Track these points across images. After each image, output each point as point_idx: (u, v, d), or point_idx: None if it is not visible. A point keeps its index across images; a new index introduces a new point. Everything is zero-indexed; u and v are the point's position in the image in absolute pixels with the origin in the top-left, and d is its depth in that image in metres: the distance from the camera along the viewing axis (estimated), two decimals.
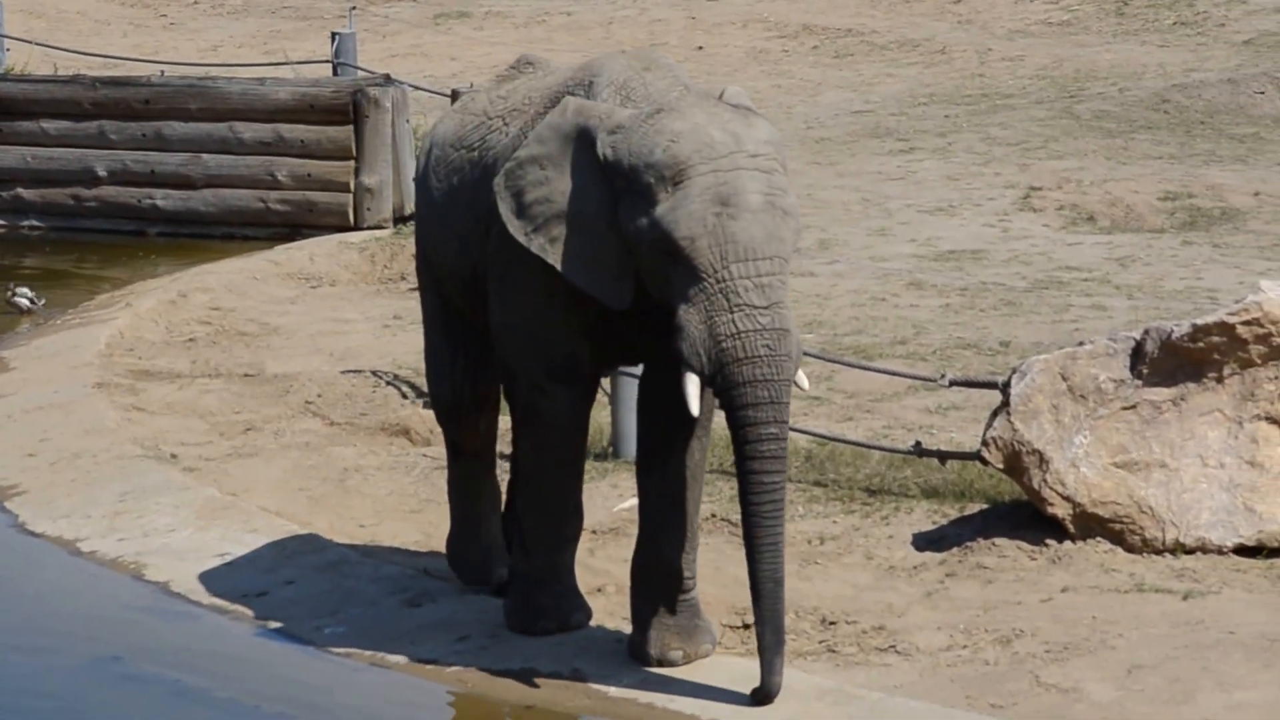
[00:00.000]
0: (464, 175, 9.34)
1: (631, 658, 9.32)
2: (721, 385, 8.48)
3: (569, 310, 8.90)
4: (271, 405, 13.05)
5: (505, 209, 8.81)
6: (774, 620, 8.58)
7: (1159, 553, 10.02)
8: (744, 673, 9.06)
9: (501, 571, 9.93)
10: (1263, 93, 20.76)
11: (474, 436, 9.97)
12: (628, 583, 9.76)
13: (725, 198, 8.40)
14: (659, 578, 9.19)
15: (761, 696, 8.68)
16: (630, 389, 11.67)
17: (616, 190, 8.63)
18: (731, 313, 8.39)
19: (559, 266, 8.72)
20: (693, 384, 8.53)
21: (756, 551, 8.55)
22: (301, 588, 10.48)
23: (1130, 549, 10.07)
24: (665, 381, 8.88)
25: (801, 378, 8.60)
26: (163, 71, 19.37)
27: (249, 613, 10.33)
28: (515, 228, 8.79)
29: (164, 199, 18.33)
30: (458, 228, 9.37)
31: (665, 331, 8.64)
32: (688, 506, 9.15)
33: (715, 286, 8.40)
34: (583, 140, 8.74)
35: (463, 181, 9.35)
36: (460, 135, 9.44)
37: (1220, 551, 10.04)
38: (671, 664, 9.19)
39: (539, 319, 8.97)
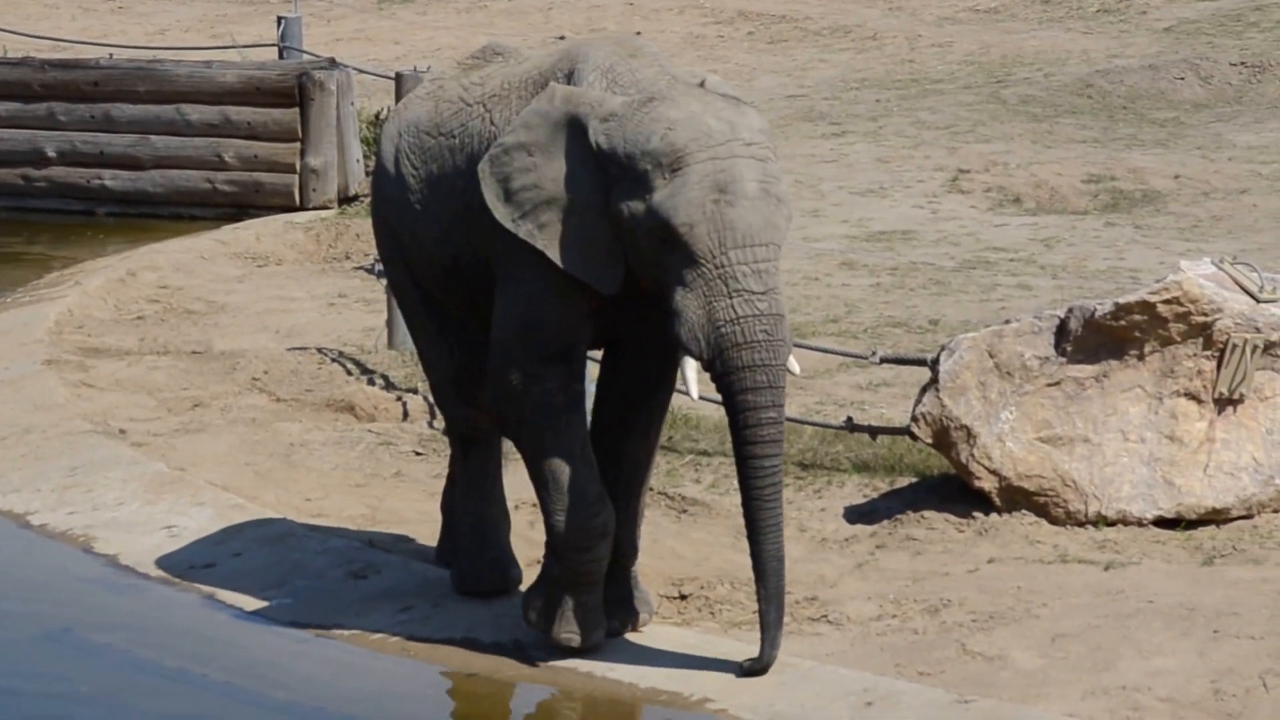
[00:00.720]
0: (444, 162, 9.17)
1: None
2: (720, 370, 8.43)
3: (568, 295, 8.74)
4: (219, 382, 13.02)
5: (490, 194, 8.71)
6: (778, 597, 8.58)
7: (1082, 525, 10.07)
8: (680, 641, 9.10)
9: (516, 573, 9.71)
10: (1183, 79, 20.84)
11: (485, 424, 9.58)
12: None
13: (723, 185, 8.36)
14: None
15: (759, 668, 8.67)
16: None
17: (610, 177, 8.55)
18: (730, 298, 8.36)
19: (547, 252, 8.62)
20: (691, 368, 8.50)
21: (759, 532, 8.52)
22: (248, 560, 10.46)
23: (1054, 521, 10.12)
24: (635, 364, 8.92)
25: (792, 362, 8.58)
26: (111, 54, 19.27)
27: (197, 584, 10.31)
28: (501, 213, 8.69)
29: (113, 179, 18.26)
30: (440, 215, 9.18)
31: (646, 315, 8.65)
32: (642, 486, 9.17)
33: (714, 272, 8.36)
34: (574, 127, 8.64)
35: (443, 169, 9.17)
36: (436, 122, 9.26)
37: (1140, 524, 10.09)
38: (612, 633, 9.20)
39: (538, 304, 8.78)
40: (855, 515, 10.41)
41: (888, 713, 8.55)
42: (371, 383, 12.84)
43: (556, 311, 8.76)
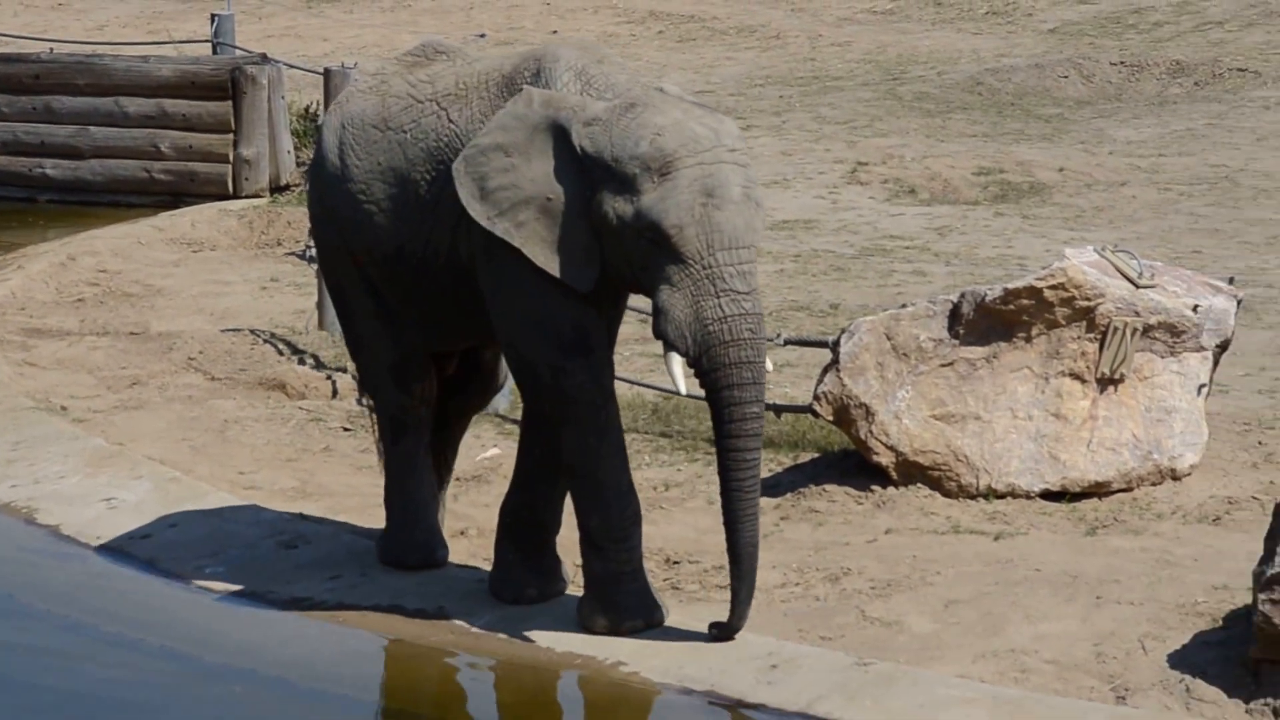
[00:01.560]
0: (394, 155, 8.99)
1: (492, 595, 9.32)
2: (706, 366, 8.35)
3: (568, 286, 8.60)
4: (156, 361, 12.97)
5: (466, 193, 8.57)
6: (750, 577, 8.53)
7: (973, 497, 10.11)
8: None
9: (443, 553, 9.61)
10: (1066, 77, 20.96)
11: (420, 404, 9.50)
12: (489, 527, 9.77)
13: (710, 189, 8.30)
14: (527, 525, 9.17)
15: (726, 632, 8.65)
16: None
17: (593, 179, 8.43)
18: (718, 297, 8.29)
19: (524, 249, 8.49)
20: (677, 363, 8.42)
21: (738, 520, 8.48)
22: (184, 531, 10.42)
23: (947, 494, 10.16)
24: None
25: (768, 360, 8.54)
26: (52, 49, 19.16)
27: (135, 554, 10.27)
28: (477, 211, 8.55)
29: (54, 168, 18.17)
30: (387, 206, 9.01)
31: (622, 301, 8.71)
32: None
33: (701, 272, 8.29)
34: (554, 130, 8.52)
35: (393, 162, 8.99)
36: (384, 116, 9.08)
37: (1028, 496, 10.14)
38: (529, 601, 9.19)
39: (543, 297, 8.60)
40: (761, 488, 10.42)
41: (791, 675, 8.57)
42: (302, 362, 12.80)
43: (558, 299, 8.59)
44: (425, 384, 9.46)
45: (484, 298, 8.80)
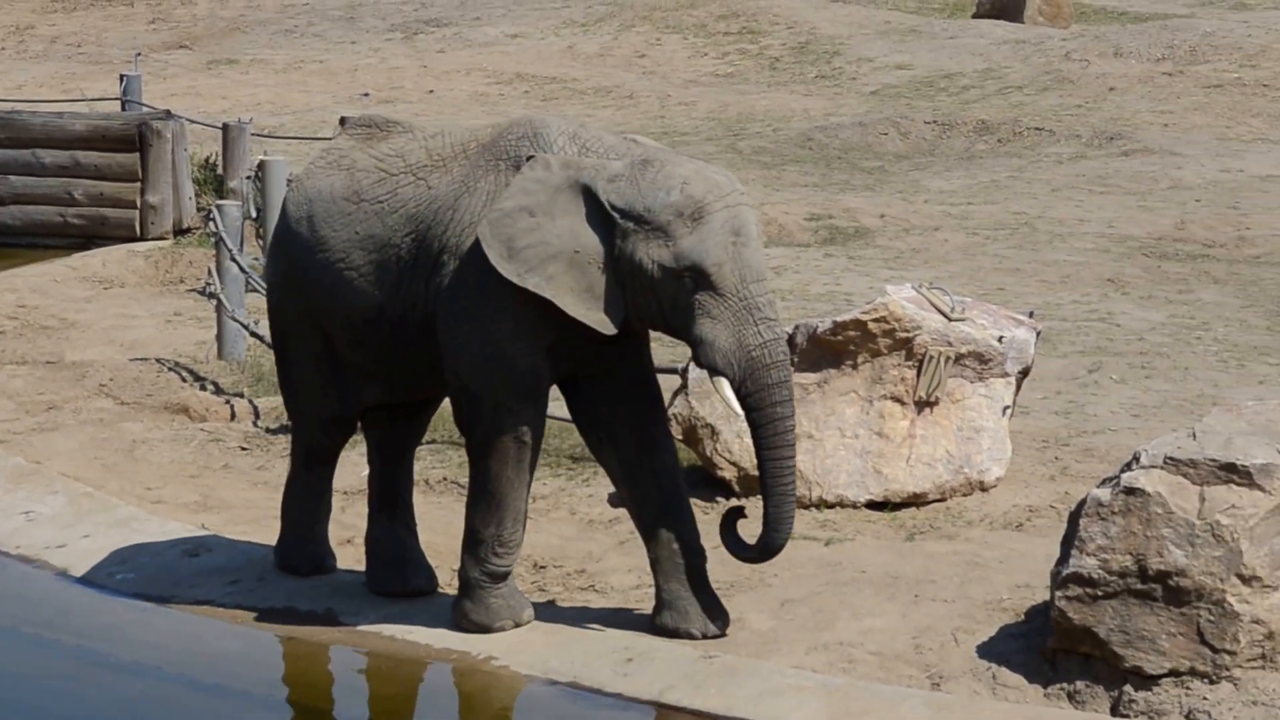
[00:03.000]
0: (371, 225, 8.77)
1: (373, 593, 9.30)
2: (751, 388, 8.32)
3: (535, 335, 8.49)
4: (70, 388, 12.83)
5: (495, 254, 8.37)
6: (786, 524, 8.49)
7: (806, 508, 10.14)
8: None
9: (331, 562, 9.55)
10: (886, 134, 21.09)
11: (337, 449, 9.41)
12: None
13: (737, 229, 8.29)
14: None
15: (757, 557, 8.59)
16: None
17: (622, 231, 8.34)
18: (756, 325, 8.29)
19: (556, 300, 8.35)
20: (727, 387, 8.37)
21: (778, 523, 8.42)
22: (96, 541, 10.31)
23: None
24: (612, 391, 8.69)
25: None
26: None
27: (51, 562, 10.16)
28: (507, 270, 8.36)
29: None
30: (366, 271, 8.77)
31: (600, 352, 8.54)
32: (682, 489, 8.82)
33: (739, 304, 8.28)
34: (577, 189, 8.42)
35: (370, 231, 8.76)
36: (355, 189, 8.85)
37: (855, 506, 10.19)
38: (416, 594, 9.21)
39: (507, 344, 8.48)
40: (618, 500, 10.42)
41: (645, 667, 8.57)
42: (203, 388, 12.70)
43: (525, 349, 8.50)
44: (348, 432, 9.36)
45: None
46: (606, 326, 8.39)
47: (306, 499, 9.49)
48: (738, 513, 8.72)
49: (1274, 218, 16.88)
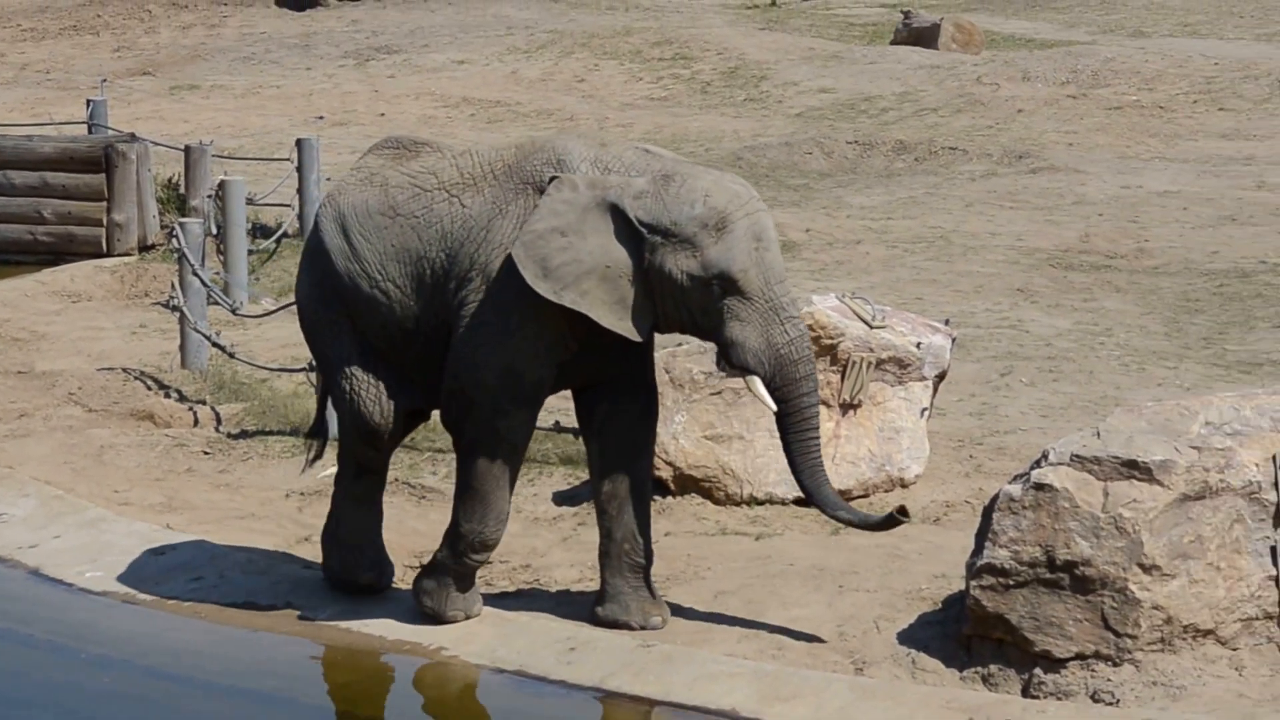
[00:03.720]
0: (407, 238, 8.65)
1: (332, 589, 9.28)
2: (780, 383, 8.35)
3: (552, 352, 8.44)
4: (40, 396, 12.76)
5: (530, 274, 8.27)
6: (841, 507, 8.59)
7: (738, 504, 10.16)
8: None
9: (391, 570, 9.29)
10: (811, 153, 21.13)
11: (387, 456, 9.13)
12: None
13: (758, 234, 8.30)
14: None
15: (900, 516, 8.48)
16: None
17: (649, 245, 8.30)
18: (783, 324, 8.32)
19: (591, 314, 8.29)
20: (758, 385, 8.38)
21: (816, 487, 8.50)
22: (67, 540, 10.26)
23: (717, 502, 10.20)
24: (618, 399, 8.62)
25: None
26: None
27: (24, 560, 10.09)
28: (544, 289, 8.26)
29: None
30: (402, 283, 8.65)
31: (612, 361, 8.50)
32: (649, 492, 8.83)
33: (765, 305, 8.29)
34: (605, 207, 8.35)
35: (406, 244, 8.64)
36: (390, 205, 8.71)
37: (784, 503, 10.20)
38: (368, 591, 9.15)
39: (523, 358, 8.40)
40: (561, 499, 10.43)
41: (587, 656, 8.57)
42: (168, 396, 12.64)
43: (538, 364, 8.44)
44: (396, 440, 9.10)
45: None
46: (635, 335, 8.39)
47: (362, 508, 9.17)
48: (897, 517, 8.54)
49: (1171, 231, 17.00)
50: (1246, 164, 20.17)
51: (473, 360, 8.49)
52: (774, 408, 8.46)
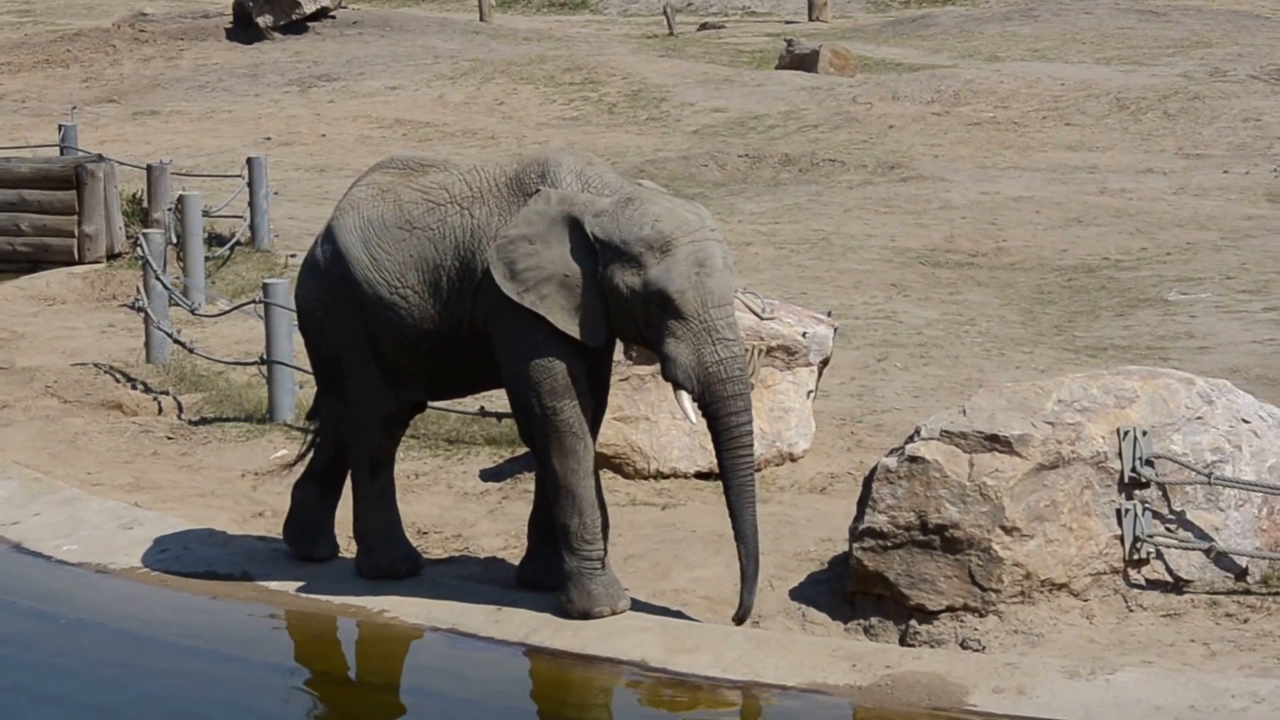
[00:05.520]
0: (423, 249, 8.47)
1: (295, 559, 9.15)
2: (709, 399, 8.06)
3: (561, 344, 8.20)
4: (20, 389, 12.59)
5: (499, 274, 8.13)
6: (754, 556, 8.17)
7: (646, 478, 10.14)
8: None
9: (422, 561, 9.04)
10: (706, 166, 21.14)
11: (395, 448, 8.97)
12: (280, 509, 9.61)
13: (701, 260, 8.03)
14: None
15: (741, 615, 8.19)
16: (281, 373, 11.50)
17: (603, 259, 8.12)
18: (714, 345, 8.00)
19: (548, 316, 8.15)
20: (686, 399, 8.14)
21: (741, 509, 8.14)
22: (45, 517, 10.13)
23: (627, 476, 10.18)
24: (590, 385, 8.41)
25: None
26: None
27: (7, 536, 9.96)
28: (509, 289, 8.12)
29: None
30: (419, 289, 8.46)
31: (600, 355, 8.32)
32: None
33: (699, 326, 8.01)
34: (569, 221, 8.20)
35: (422, 254, 8.46)
36: (406, 218, 8.52)
37: (686, 477, 10.18)
38: (318, 560, 9.07)
39: (547, 354, 8.20)
40: (488, 476, 10.37)
41: (512, 615, 8.51)
42: (134, 388, 12.51)
43: (553, 353, 8.22)
44: (402, 430, 8.99)
45: (492, 353, 8.39)
46: (591, 339, 8.22)
47: (384, 505, 8.96)
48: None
49: (1025, 232, 17.10)
50: (1091, 172, 20.33)
51: (511, 370, 8.34)
52: (694, 421, 8.28)
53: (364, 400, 8.78)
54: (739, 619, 8.24)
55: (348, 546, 9.27)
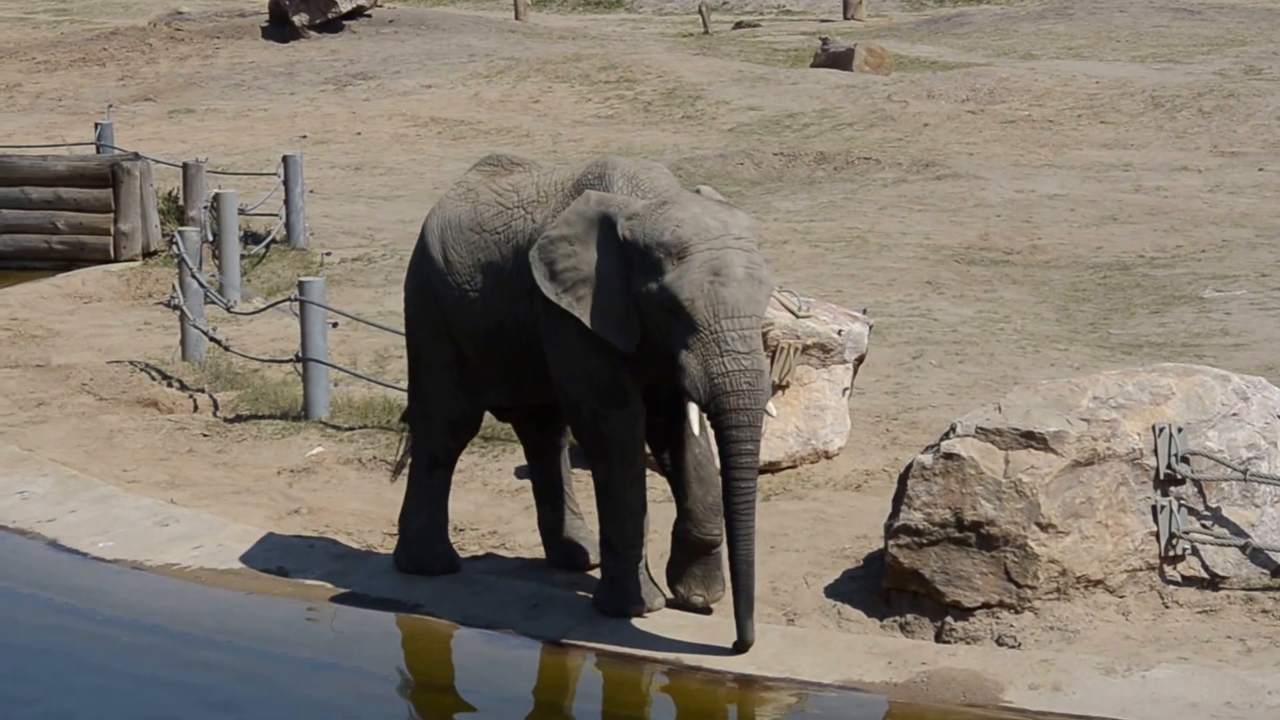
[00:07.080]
0: (490, 252, 8.45)
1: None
2: (713, 411, 7.86)
3: (608, 348, 8.08)
4: (57, 386, 12.65)
5: (539, 275, 8.06)
6: (747, 593, 7.89)
7: None
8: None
9: (459, 562, 9.00)
10: (742, 164, 21.13)
11: (459, 452, 8.97)
12: (317, 506, 9.64)
13: (717, 269, 7.83)
14: None
15: (741, 647, 7.99)
16: (316, 370, 11.54)
17: (632, 262, 8.02)
18: (722, 356, 7.76)
19: (581, 318, 8.01)
20: (694, 410, 8.02)
21: (736, 539, 7.85)
22: (81, 515, 10.18)
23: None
24: (669, 400, 8.30)
25: (770, 406, 7.94)
26: None
27: (44, 533, 10.02)
28: (548, 289, 8.05)
29: None
30: (486, 292, 8.46)
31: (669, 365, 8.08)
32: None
33: (709, 336, 7.76)
34: (604, 224, 8.07)
35: (490, 258, 8.45)
36: (478, 220, 8.52)
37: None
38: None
39: (587, 357, 8.11)
40: (523, 473, 10.36)
41: (549, 613, 8.54)
42: (170, 385, 12.55)
43: (602, 361, 8.12)
44: (470, 435, 8.95)
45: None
46: (624, 345, 8.07)
47: (433, 503, 8.94)
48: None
49: (1060, 229, 17.05)
50: (1125, 170, 20.25)
51: (561, 374, 8.28)
52: (695, 431, 8.17)
53: (436, 399, 8.79)
54: (737, 650, 8.01)
55: (382, 543, 9.27)
